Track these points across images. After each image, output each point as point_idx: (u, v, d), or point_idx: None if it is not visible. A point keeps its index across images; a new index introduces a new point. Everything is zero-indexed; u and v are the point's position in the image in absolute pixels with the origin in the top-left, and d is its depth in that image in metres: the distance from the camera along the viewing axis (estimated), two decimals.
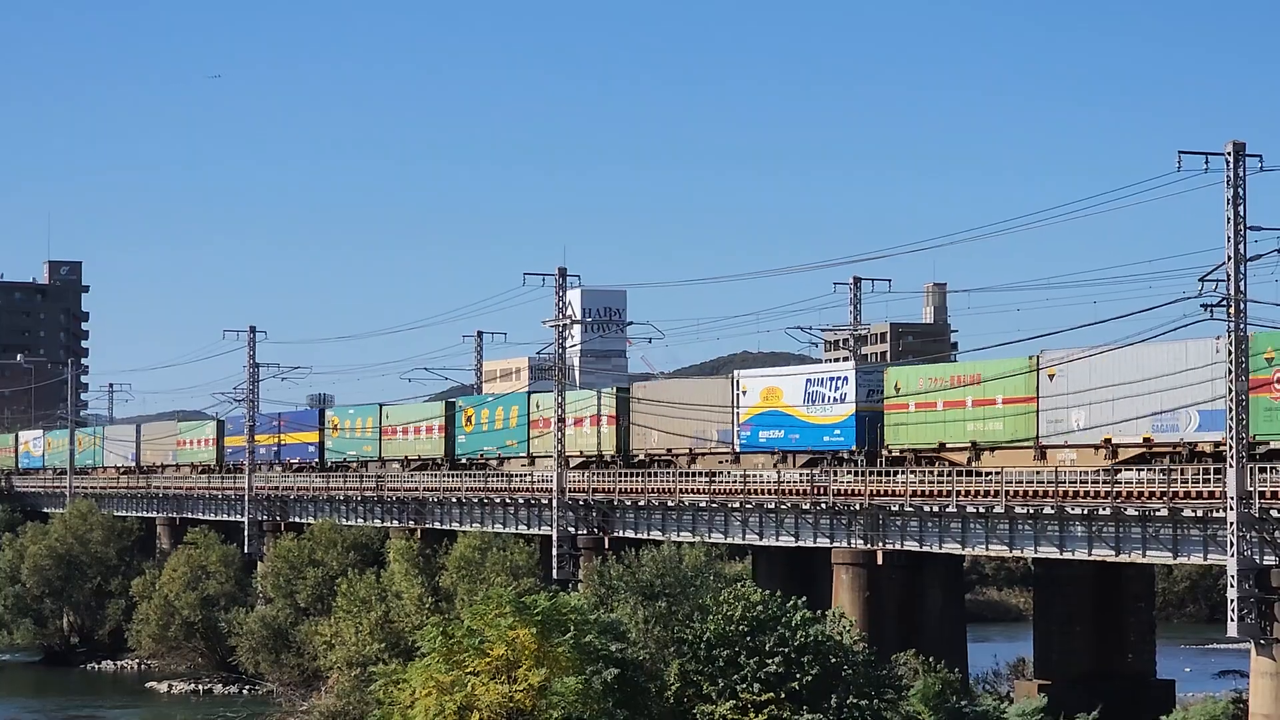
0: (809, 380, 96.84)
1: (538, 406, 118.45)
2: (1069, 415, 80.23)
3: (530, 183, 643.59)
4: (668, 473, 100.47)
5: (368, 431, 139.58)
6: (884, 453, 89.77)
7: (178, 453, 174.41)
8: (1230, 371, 66.52)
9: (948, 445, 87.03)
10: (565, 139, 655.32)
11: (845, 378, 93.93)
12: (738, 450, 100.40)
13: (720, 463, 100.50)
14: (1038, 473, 77.60)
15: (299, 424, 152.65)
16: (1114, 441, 78.11)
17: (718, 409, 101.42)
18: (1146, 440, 76.68)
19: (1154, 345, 75.24)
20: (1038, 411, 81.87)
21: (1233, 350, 66.40)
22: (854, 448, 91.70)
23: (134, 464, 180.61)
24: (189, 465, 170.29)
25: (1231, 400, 66.33)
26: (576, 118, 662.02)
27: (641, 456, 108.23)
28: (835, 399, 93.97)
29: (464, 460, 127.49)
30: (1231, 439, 66.04)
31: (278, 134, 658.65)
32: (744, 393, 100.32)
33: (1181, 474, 71.04)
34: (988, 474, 79.57)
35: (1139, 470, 73.90)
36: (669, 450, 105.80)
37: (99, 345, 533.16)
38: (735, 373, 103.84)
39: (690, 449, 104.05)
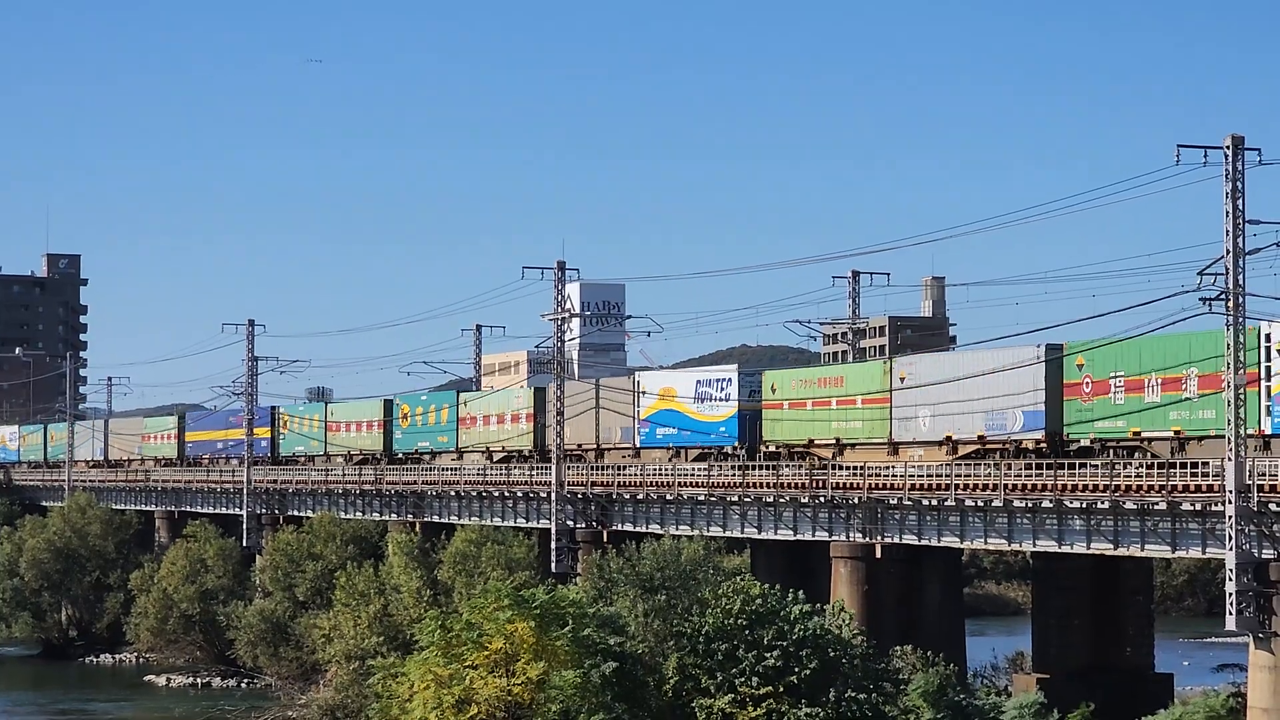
0: (699, 381, 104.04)
1: (465, 405, 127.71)
2: (917, 415, 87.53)
3: (529, 177, 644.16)
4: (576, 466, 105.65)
5: (315, 427, 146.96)
6: (762, 448, 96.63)
7: (142, 447, 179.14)
8: (1228, 366, 66.45)
9: (815, 441, 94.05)
10: (564, 133, 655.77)
11: (729, 379, 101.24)
12: (638, 446, 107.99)
13: (623, 457, 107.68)
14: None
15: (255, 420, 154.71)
16: (954, 439, 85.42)
17: (621, 408, 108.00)
18: (980, 438, 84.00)
19: (986, 351, 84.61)
20: (891, 411, 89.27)
21: (1231, 344, 66.33)
22: (736, 444, 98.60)
23: (102, 458, 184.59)
24: (153, 459, 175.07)
25: (1230, 393, 66.25)
26: (575, 112, 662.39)
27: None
28: (721, 399, 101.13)
29: (400, 455, 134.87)
30: (1230, 433, 66.00)
31: (276, 127, 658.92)
32: (644, 393, 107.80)
33: (1178, 468, 71.09)
34: (852, 468, 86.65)
35: (1135, 464, 73.97)
36: (579, 445, 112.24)
37: (97, 338, 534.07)
38: (636, 374, 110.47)
39: (597, 444, 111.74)
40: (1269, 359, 70.21)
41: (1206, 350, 71.51)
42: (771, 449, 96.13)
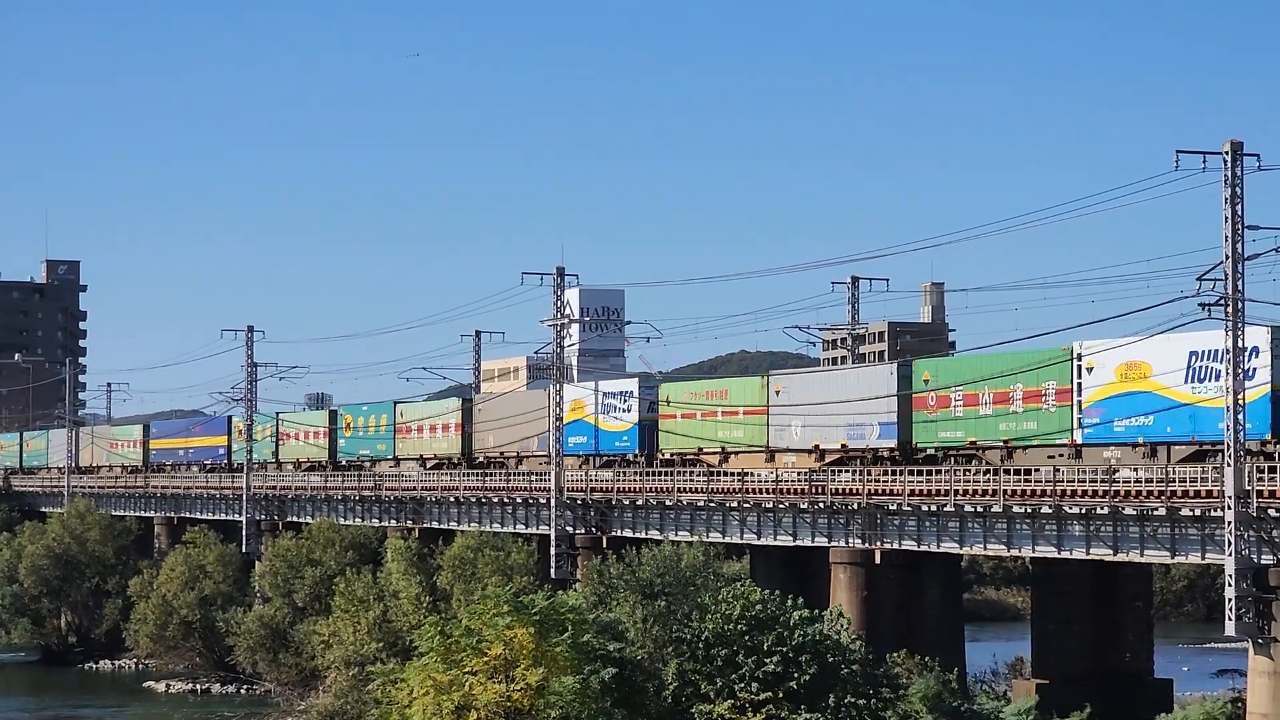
0: (605, 394, 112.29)
1: (402, 415, 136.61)
2: (790, 425, 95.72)
3: (529, 182, 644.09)
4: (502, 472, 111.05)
5: (268, 437, 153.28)
6: (659, 456, 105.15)
7: (110, 454, 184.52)
8: (1227, 372, 66.51)
9: (704, 450, 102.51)
10: (564, 138, 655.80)
11: (631, 392, 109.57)
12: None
13: (540, 464, 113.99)
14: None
15: (211, 429, 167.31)
16: (821, 447, 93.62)
17: (540, 418, 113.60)
18: (844, 446, 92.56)
19: (849, 370, 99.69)
20: (768, 421, 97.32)
21: (1231, 350, 66.39)
22: (637, 451, 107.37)
23: (74, 464, 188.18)
24: (120, 466, 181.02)
25: (1229, 400, 66.32)
26: (574, 116, 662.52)
27: (480, 459, 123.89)
28: (624, 410, 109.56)
29: (344, 462, 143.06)
30: (1229, 439, 66.07)
31: (276, 132, 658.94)
32: (559, 403, 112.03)
33: (1178, 474, 71.17)
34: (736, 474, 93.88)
35: (1135, 469, 74.11)
36: (501, 453, 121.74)
37: (97, 344, 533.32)
38: (551, 386, 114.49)
39: (518, 452, 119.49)
40: (1080, 376, 78.69)
41: (1035, 369, 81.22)
42: (667, 456, 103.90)
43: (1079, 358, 79.11)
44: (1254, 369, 69.98)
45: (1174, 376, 75.50)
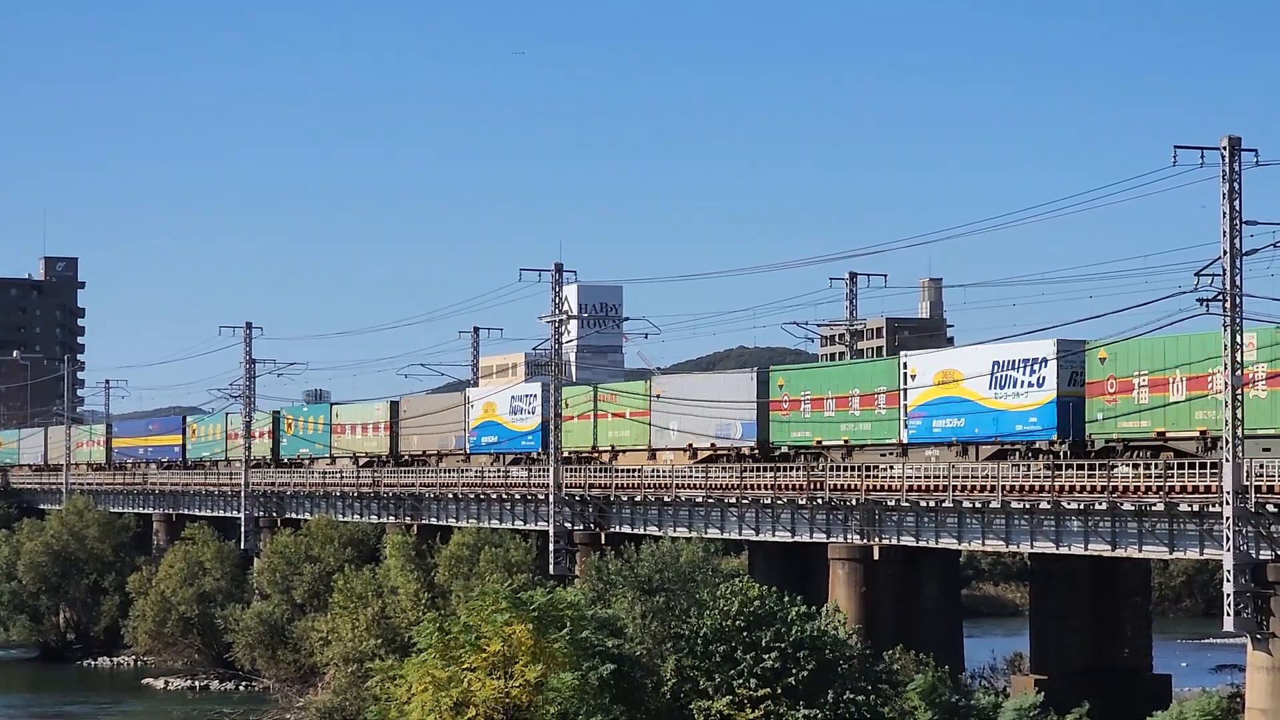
0: (513, 397, 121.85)
1: (337, 415, 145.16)
2: (669, 426, 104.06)
3: (527, 178, 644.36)
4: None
5: (218, 435, 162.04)
6: (560, 453, 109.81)
7: (76, 452, 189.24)
8: (1225, 367, 66.51)
9: (598, 448, 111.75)
10: (562, 134, 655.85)
11: (535, 395, 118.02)
12: (468, 452, 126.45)
13: (457, 461, 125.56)
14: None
15: (167, 428, 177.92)
16: (694, 446, 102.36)
17: (457, 419, 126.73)
18: (713, 445, 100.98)
19: (717, 375, 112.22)
20: (650, 422, 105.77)
21: (1228, 345, 66.39)
22: (539, 450, 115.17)
23: (43, 462, 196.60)
24: (85, 464, 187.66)
25: (1228, 395, 66.32)
26: (573, 113, 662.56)
27: (406, 457, 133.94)
28: (529, 412, 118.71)
29: (286, 460, 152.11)
30: (1227, 433, 66.08)
31: (274, 129, 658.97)
32: (472, 406, 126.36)
33: (1176, 469, 71.16)
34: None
35: (1131, 465, 74.12)
36: (424, 451, 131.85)
37: (95, 341, 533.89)
38: (466, 390, 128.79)
39: (439, 450, 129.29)
40: (906, 383, 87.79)
41: (869, 377, 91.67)
42: (566, 454, 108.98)
43: (905, 365, 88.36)
44: (1044, 377, 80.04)
45: (980, 383, 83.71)
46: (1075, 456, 78.03)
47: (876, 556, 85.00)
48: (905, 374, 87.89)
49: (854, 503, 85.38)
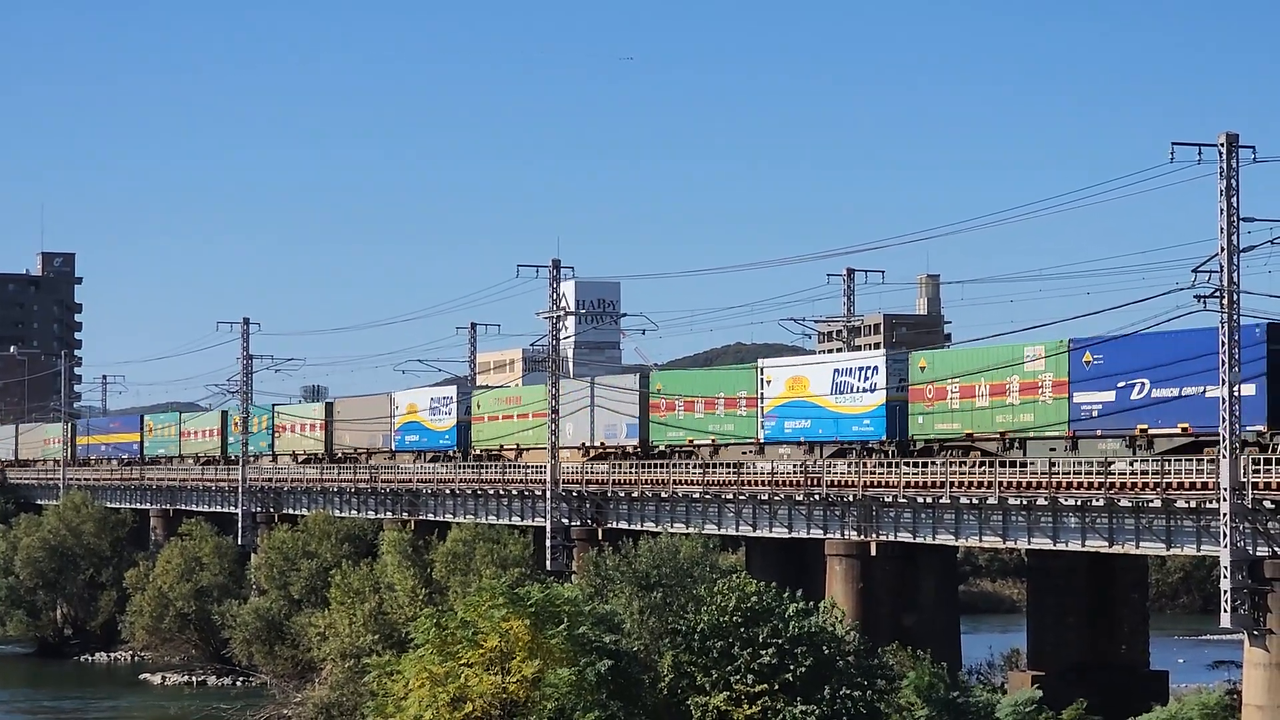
0: (432, 399, 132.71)
1: (278, 416, 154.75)
2: (565, 425, 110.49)
3: (525, 175, 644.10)
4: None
5: (172, 434, 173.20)
6: (473, 451, 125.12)
7: (44, 450, 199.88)
8: (1222, 363, 66.52)
9: (504, 446, 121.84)
10: (559, 131, 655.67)
11: (451, 397, 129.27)
12: (393, 450, 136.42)
13: (385, 458, 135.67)
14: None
15: (127, 427, 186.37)
16: (586, 444, 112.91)
17: (384, 420, 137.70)
18: (601, 444, 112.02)
19: (607, 377, 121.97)
20: (554, 422, 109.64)
21: (1225, 342, 66.39)
22: (455, 448, 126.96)
23: (14, 458, 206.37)
24: (53, 460, 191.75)
25: (1224, 391, 66.34)
26: (570, 110, 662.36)
27: (340, 454, 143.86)
28: (446, 413, 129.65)
29: (234, 456, 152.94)
30: (1224, 431, 66.10)
31: (271, 126, 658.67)
32: (397, 407, 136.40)
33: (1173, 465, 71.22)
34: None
35: (1129, 462, 74.21)
36: (355, 449, 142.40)
37: (92, 337, 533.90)
38: (392, 393, 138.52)
39: (368, 448, 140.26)
40: (763, 388, 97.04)
41: (733, 382, 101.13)
42: (478, 452, 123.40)
43: (762, 372, 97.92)
44: (875, 384, 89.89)
45: (823, 388, 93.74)
46: (901, 455, 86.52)
47: (874, 552, 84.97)
48: (762, 380, 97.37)
49: (851, 499, 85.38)
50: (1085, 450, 78.22)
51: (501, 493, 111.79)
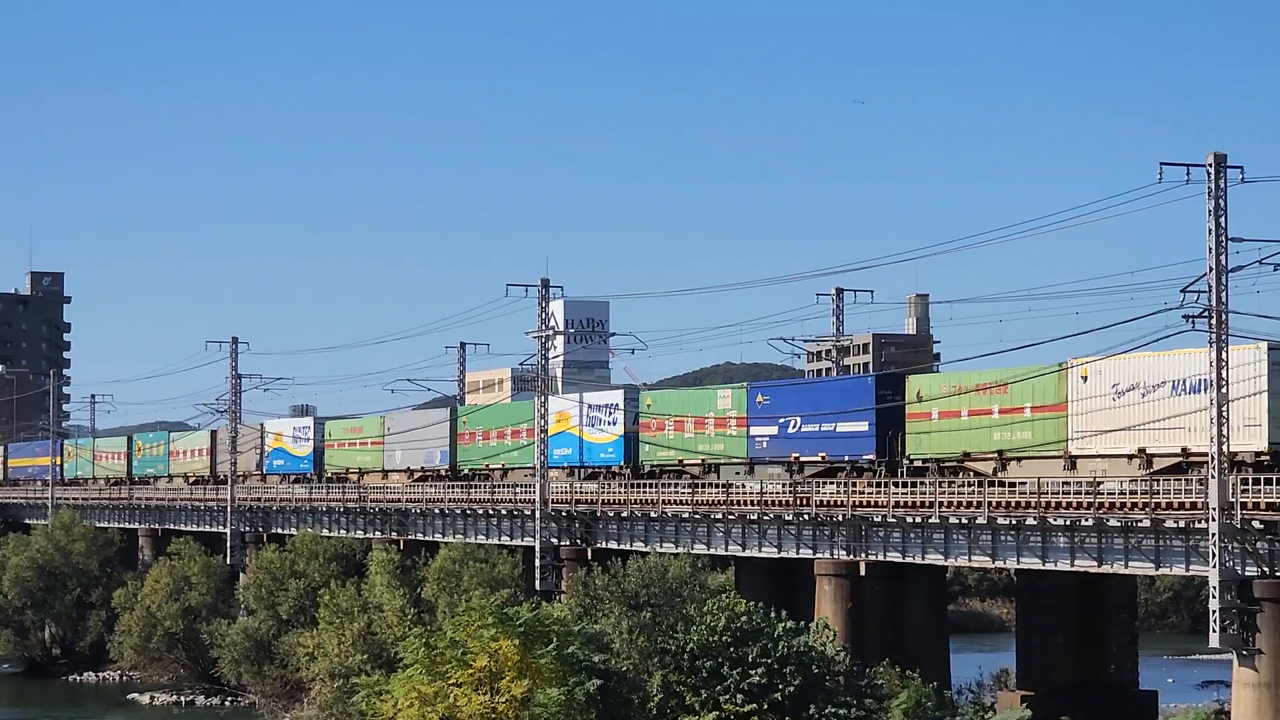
0: (295, 427, 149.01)
1: (174, 441, 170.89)
2: (396, 451, 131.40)
3: (513, 194, 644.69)
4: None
5: (88, 456, 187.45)
6: (325, 472, 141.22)
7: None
8: (1212, 383, 66.62)
9: (351, 469, 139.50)
10: (548, 150, 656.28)
11: (309, 427, 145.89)
12: (264, 473, 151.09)
13: (257, 481, 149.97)
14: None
15: (44, 451, 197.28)
16: (411, 468, 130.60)
17: (256, 446, 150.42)
18: (422, 469, 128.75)
19: (423, 412, 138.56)
20: (384, 449, 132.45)
21: (1214, 362, 66.50)
22: (312, 471, 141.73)
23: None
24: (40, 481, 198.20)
25: (1213, 411, 66.45)
26: (559, 128, 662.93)
27: (222, 476, 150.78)
28: (305, 440, 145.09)
29: (138, 478, 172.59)
30: (1213, 451, 66.18)
31: (260, 145, 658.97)
32: (267, 435, 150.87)
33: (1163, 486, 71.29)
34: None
35: (1120, 482, 74.26)
36: (232, 471, 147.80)
37: (81, 356, 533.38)
38: (263, 422, 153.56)
39: (244, 471, 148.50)
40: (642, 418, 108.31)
41: (520, 414, 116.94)
42: (329, 474, 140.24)
43: (545, 407, 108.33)
44: (616, 418, 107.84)
45: (579, 421, 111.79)
46: (635, 478, 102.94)
47: (863, 572, 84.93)
48: (538, 414, 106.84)
49: (841, 519, 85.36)
50: (759, 473, 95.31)
51: (490, 512, 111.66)
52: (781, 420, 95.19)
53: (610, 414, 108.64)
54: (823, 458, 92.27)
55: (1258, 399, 69.79)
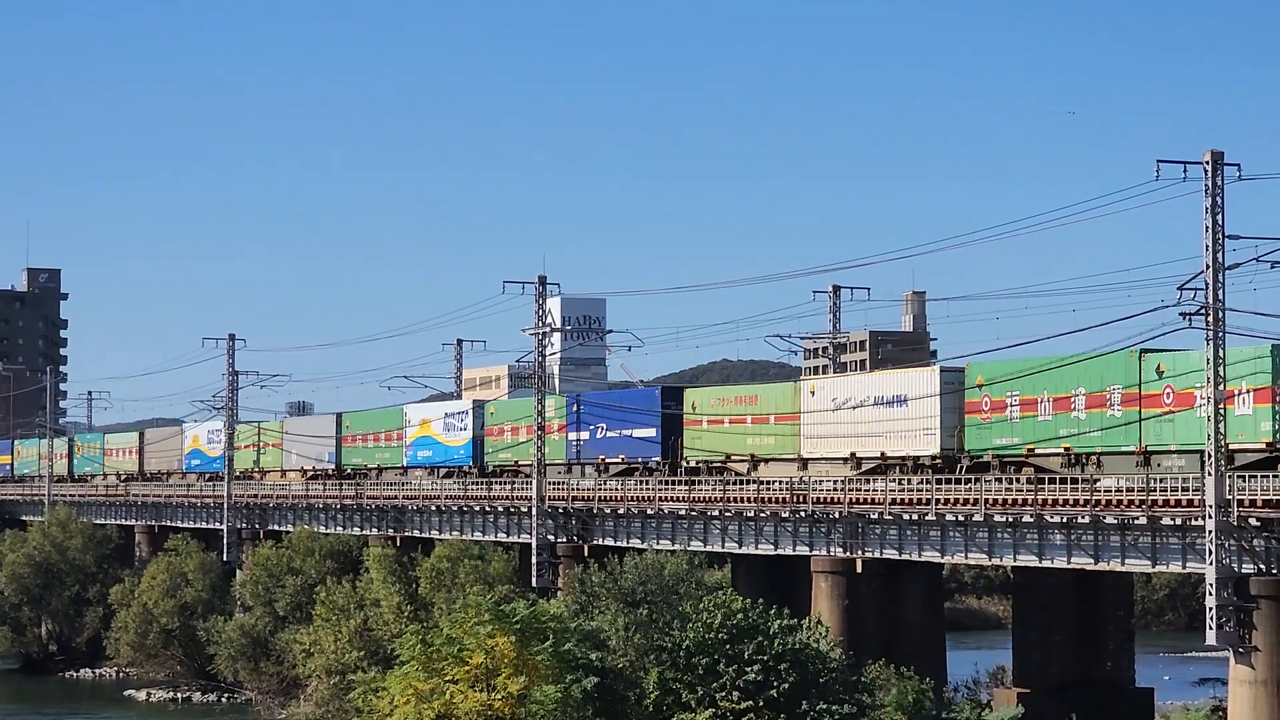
0: (209, 430, 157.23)
1: (107, 441, 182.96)
2: (292, 452, 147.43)
3: (511, 191, 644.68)
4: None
5: (33, 456, 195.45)
6: (249, 472, 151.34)
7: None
8: (1208, 381, 66.63)
9: (254, 468, 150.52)
10: (546, 147, 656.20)
11: (219, 429, 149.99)
12: (184, 471, 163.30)
13: (179, 477, 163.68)
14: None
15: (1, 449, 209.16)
16: (304, 468, 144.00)
17: (177, 446, 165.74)
18: (314, 467, 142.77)
19: (312, 419, 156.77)
20: (283, 450, 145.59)
21: (1211, 360, 66.50)
22: (223, 470, 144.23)
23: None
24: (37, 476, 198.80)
25: (1210, 410, 66.46)
26: (556, 126, 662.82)
27: (150, 474, 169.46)
28: (217, 442, 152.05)
29: (78, 475, 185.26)
30: (1210, 448, 66.20)
31: (258, 142, 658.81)
32: (185, 436, 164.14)
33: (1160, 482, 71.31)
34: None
35: (1117, 479, 74.27)
36: (160, 470, 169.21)
37: (78, 353, 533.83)
38: (182, 425, 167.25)
39: (166, 470, 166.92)
40: (406, 426, 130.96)
41: (392, 419, 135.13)
42: (238, 473, 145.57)
43: (405, 413, 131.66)
44: (467, 424, 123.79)
45: (439, 426, 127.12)
46: (481, 476, 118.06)
47: (859, 569, 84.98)
48: (406, 420, 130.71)
49: (837, 516, 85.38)
50: (575, 473, 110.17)
51: (487, 509, 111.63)
52: (592, 426, 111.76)
53: (462, 421, 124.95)
54: (623, 459, 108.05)
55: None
